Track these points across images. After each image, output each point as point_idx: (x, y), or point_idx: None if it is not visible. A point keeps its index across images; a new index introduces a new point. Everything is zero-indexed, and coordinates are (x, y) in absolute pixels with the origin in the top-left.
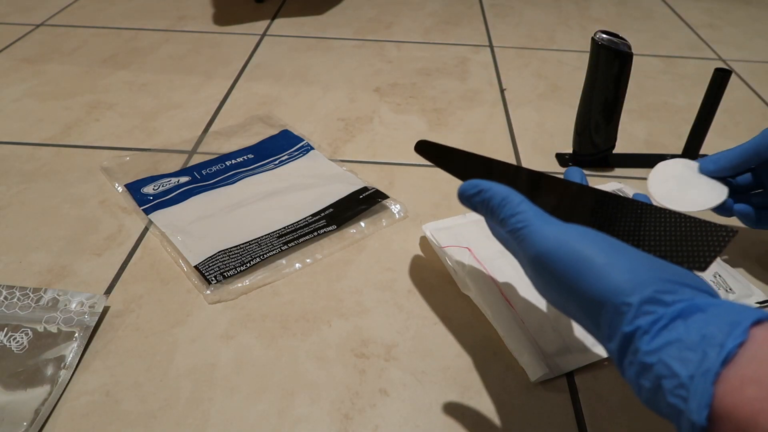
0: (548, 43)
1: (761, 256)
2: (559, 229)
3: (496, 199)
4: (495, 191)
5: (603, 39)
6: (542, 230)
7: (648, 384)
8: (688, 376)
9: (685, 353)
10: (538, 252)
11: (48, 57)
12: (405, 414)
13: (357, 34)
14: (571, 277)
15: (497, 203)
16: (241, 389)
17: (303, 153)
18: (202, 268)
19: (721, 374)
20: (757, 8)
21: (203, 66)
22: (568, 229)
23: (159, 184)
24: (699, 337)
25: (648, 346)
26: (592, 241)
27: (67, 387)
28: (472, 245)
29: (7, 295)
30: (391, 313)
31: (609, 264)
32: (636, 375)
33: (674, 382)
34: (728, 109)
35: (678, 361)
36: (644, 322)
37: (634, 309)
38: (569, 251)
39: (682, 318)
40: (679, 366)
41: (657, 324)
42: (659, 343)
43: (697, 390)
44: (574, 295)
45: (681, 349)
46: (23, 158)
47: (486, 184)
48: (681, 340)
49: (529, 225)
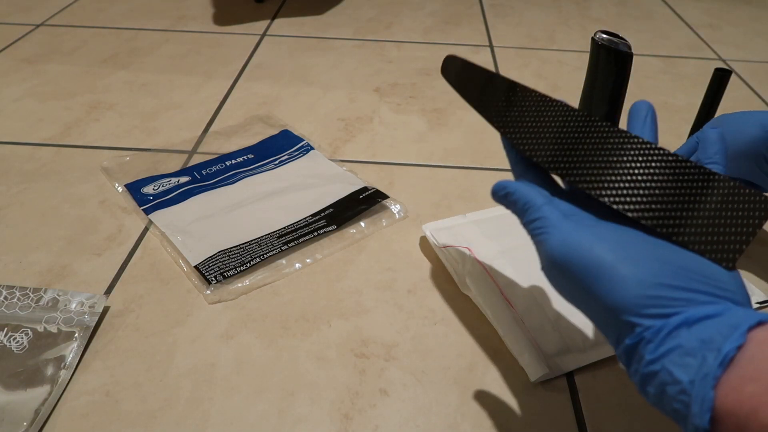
0: (548, 43)
1: (761, 256)
2: (572, 236)
3: (520, 202)
4: (519, 194)
5: (603, 39)
6: (556, 238)
7: (653, 390)
8: (689, 381)
9: (686, 359)
10: (551, 260)
11: (48, 57)
12: (405, 414)
13: (357, 34)
14: (580, 288)
15: (521, 207)
16: (241, 389)
17: (303, 153)
18: (202, 268)
19: (721, 377)
20: (757, 8)
21: (203, 66)
22: (582, 235)
23: (159, 184)
24: (699, 342)
25: (652, 355)
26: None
27: (67, 387)
28: (472, 245)
29: (7, 295)
30: (391, 313)
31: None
32: (641, 382)
33: (677, 389)
34: (728, 109)
35: (679, 367)
36: (648, 334)
37: (636, 326)
38: (578, 262)
39: (686, 325)
40: (681, 372)
41: (660, 333)
42: (662, 350)
43: (698, 395)
44: (583, 303)
45: (682, 355)
46: (23, 158)
47: (512, 186)
48: (682, 346)
49: (545, 231)
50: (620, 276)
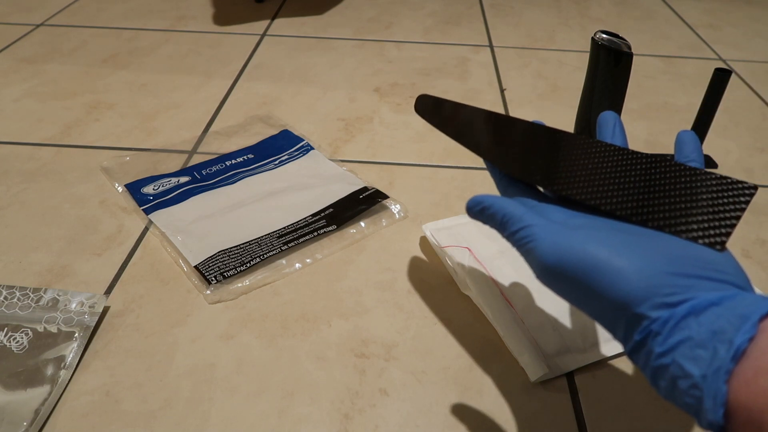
0: (548, 43)
1: (761, 255)
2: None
3: (498, 215)
4: (497, 207)
5: (603, 39)
6: (546, 243)
7: (664, 384)
8: (700, 375)
9: (697, 351)
10: (544, 267)
11: (48, 57)
12: (405, 414)
13: (357, 34)
14: (580, 290)
15: (500, 220)
16: (241, 389)
17: (303, 153)
18: (202, 268)
19: (733, 370)
20: (757, 8)
21: (203, 66)
22: (572, 236)
23: (159, 184)
24: (709, 333)
25: (661, 348)
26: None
27: (67, 387)
28: (472, 245)
29: (7, 295)
30: (391, 313)
31: (614, 273)
32: (652, 377)
33: (688, 383)
34: (728, 109)
35: (690, 361)
36: (656, 326)
37: (643, 318)
38: (573, 264)
39: (694, 314)
40: (692, 365)
41: (668, 324)
42: (672, 342)
43: (711, 389)
44: (585, 304)
45: (692, 347)
46: (23, 158)
47: (488, 199)
48: (692, 338)
49: (532, 239)
50: (618, 270)
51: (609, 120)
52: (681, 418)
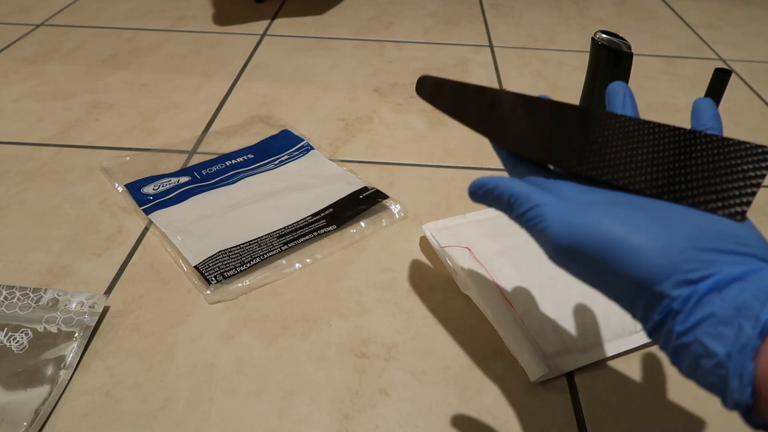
0: (548, 43)
1: None
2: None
3: (505, 196)
4: (503, 188)
5: (603, 39)
6: (558, 223)
7: (686, 364)
8: (725, 353)
9: (720, 328)
10: (557, 247)
11: (48, 57)
12: (405, 414)
13: (357, 34)
14: (596, 269)
15: (506, 201)
16: (241, 389)
17: (303, 153)
18: (202, 268)
19: (760, 347)
20: (757, 8)
21: (203, 66)
22: (586, 213)
23: (159, 184)
24: (733, 309)
25: (682, 326)
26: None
27: (67, 387)
28: (472, 245)
29: (7, 295)
30: (391, 313)
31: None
32: (673, 356)
33: (712, 362)
34: (728, 109)
35: (713, 338)
36: (676, 304)
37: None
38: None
39: (716, 290)
40: (715, 343)
41: (689, 301)
42: (693, 320)
43: (737, 368)
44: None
45: (715, 324)
46: (23, 158)
47: (492, 181)
48: (715, 314)
49: (543, 219)
50: (636, 248)
51: (619, 90)
52: (681, 418)
